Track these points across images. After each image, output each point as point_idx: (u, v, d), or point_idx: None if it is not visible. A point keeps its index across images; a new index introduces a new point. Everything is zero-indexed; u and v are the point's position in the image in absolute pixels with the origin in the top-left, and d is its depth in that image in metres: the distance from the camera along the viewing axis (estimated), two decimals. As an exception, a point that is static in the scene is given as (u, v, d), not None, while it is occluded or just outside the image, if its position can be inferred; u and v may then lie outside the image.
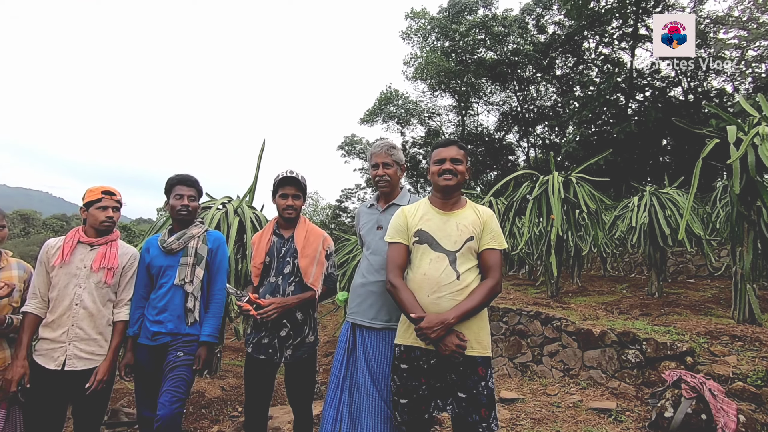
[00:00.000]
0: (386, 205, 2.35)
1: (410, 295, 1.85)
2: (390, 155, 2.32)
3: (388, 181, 2.31)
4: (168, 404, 2.09)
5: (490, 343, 1.89)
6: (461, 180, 1.97)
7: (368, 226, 2.38)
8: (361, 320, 2.24)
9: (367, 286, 2.25)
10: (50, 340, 2.13)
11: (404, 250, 1.98)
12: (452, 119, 26.90)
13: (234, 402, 3.80)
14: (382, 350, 2.17)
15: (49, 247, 2.22)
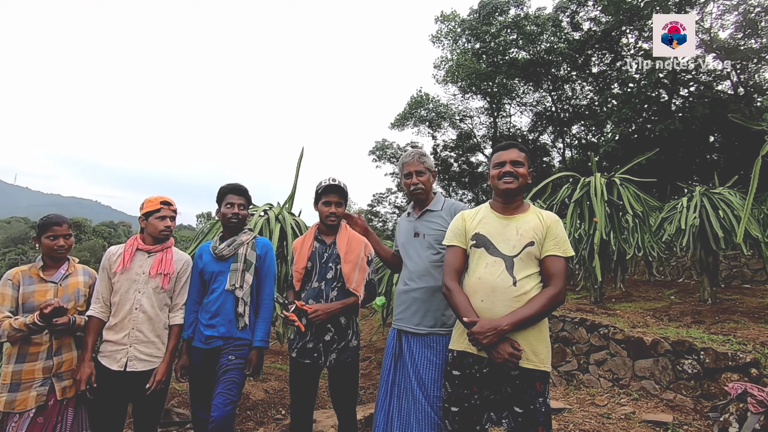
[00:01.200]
0: (421, 211, 2.40)
1: (464, 299, 1.83)
2: (422, 162, 2.39)
3: (423, 188, 2.37)
4: (222, 406, 2.16)
5: (549, 357, 1.81)
6: (523, 183, 1.93)
7: (406, 234, 2.43)
8: (406, 326, 2.27)
9: (410, 292, 2.28)
10: (113, 343, 2.25)
11: (461, 253, 1.96)
12: (484, 121, 26.53)
13: (277, 405, 3.88)
14: (427, 356, 2.17)
15: (111, 254, 2.35)
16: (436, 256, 2.27)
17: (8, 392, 2.11)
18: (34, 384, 2.14)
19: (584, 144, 22.62)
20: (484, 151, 26.22)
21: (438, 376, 2.13)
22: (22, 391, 2.12)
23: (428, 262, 2.27)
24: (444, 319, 2.22)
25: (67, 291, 2.28)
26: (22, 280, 2.21)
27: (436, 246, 2.28)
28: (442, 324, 2.22)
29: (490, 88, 23.47)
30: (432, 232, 2.31)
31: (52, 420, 2.17)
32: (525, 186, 1.95)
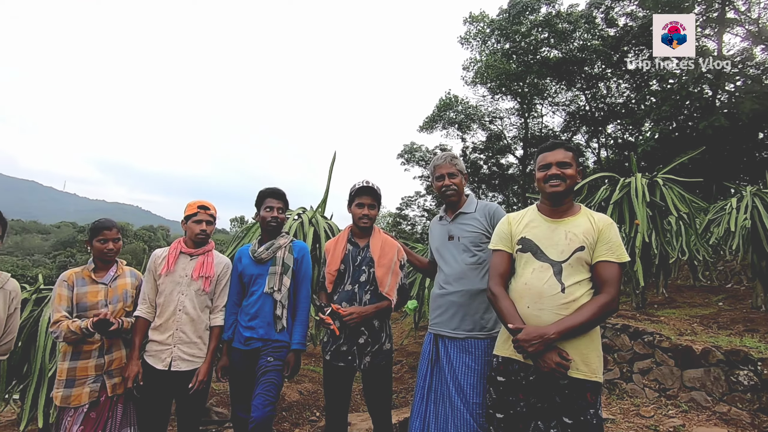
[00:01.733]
0: (454, 214, 2.38)
1: (510, 305, 1.79)
2: (454, 165, 2.38)
3: (455, 190, 2.36)
4: (261, 407, 2.20)
5: (601, 368, 1.73)
6: (571, 185, 1.83)
7: (440, 237, 2.41)
8: (443, 330, 2.25)
9: (446, 296, 2.27)
10: (158, 343, 2.34)
11: (507, 258, 1.92)
12: (514, 122, 26.05)
13: (312, 406, 3.92)
14: (465, 361, 2.14)
15: (156, 257, 2.45)
16: (472, 258, 2.25)
17: (64, 388, 2.23)
18: (88, 381, 2.26)
19: (620, 143, 21.81)
20: (514, 153, 25.73)
21: (477, 382, 2.10)
22: (76, 387, 2.24)
23: (464, 265, 2.24)
24: (482, 323, 2.19)
25: (116, 292, 2.39)
26: (76, 281, 2.33)
27: (471, 248, 2.26)
28: (480, 328, 2.18)
29: (521, 88, 23.03)
30: (467, 234, 2.29)
31: (104, 415, 2.28)
32: (574, 186, 1.86)
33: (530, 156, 24.99)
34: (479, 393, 2.08)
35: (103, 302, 2.33)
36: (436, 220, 2.53)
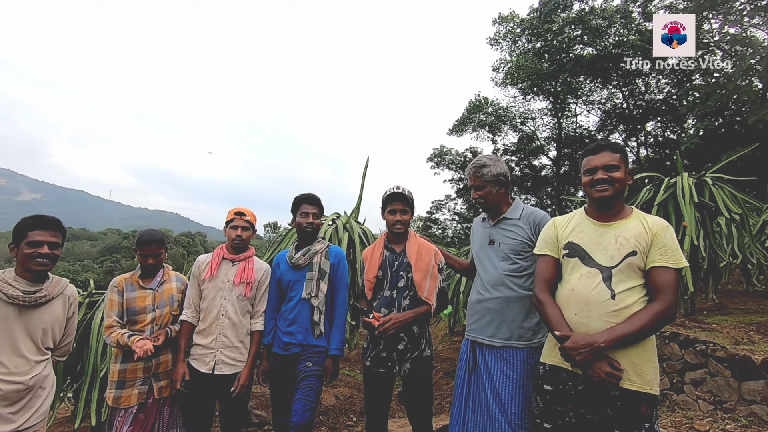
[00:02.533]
0: (497, 218, 2.29)
1: (556, 312, 1.73)
2: (479, 177, 2.27)
3: (484, 201, 2.29)
4: (301, 412, 2.23)
5: (657, 379, 1.63)
6: (620, 188, 1.74)
7: (480, 240, 2.34)
8: (480, 338, 2.20)
9: (483, 302, 2.21)
10: (202, 346, 2.41)
11: (553, 263, 1.86)
12: (547, 122, 25.42)
13: (348, 411, 3.93)
14: (503, 370, 2.08)
15: (200, 263, 2.53)
16: (512, 266, 2.16)
17: (116, 389, 2.34)
18: (137, 383, 2.35)
19: (661, 142, 20.87)
20: (547, 154, 25.10)
21: (515, 392, 2.03)
22: (126, 389, 2.34)
23: (502, 272, 2.17)
24: (521, 332, 2.11)
25: (163, 296, 2.48)
26: (126, 286, 2.44)
27: (511, 256, 2.17)
28: (518, 337, 2.10)
29: (553, 87, 22.47)
30: (508, 241, 2.21)
31: (151, 417, 2.37)
32: (624, 189, 1.77)
33: (564, 157, 24.30)
34: (518, 403, 2.02)
35: (151, 307, 2.43)
36: (478, 221, 2.44)
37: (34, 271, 1.98)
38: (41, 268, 1.98)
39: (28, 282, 1.99)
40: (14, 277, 1.97)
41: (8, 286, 1.92)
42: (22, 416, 1.94)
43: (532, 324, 2.11)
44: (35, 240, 1.95)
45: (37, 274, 2.00)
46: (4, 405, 1.89)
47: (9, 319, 1.92)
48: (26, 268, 1.97)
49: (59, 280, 2.13)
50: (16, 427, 1.92)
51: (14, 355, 1.92)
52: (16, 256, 1.98)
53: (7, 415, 1.90)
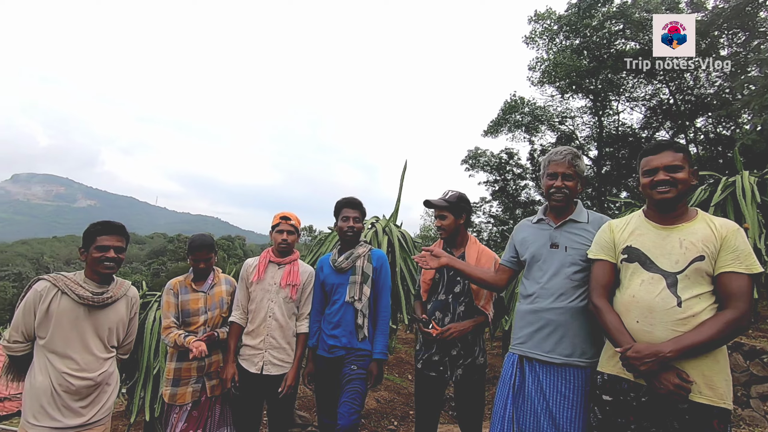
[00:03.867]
0: (561, 220, 2.06)
1: (616, 319, 1.65)
2: (573, 165, 2.04)
3: (566, 194, 2.02)
4: (347, 415, 2.24)
5: (730, 392, 1.52)
6: (683, 190, 1.64)
7: (539, 243, 2.09)
8: (534, 353, 1.96)
9: (541, 312, 1.97)
10: (251, 347, 2.48)
11: (609, 268, 1.77)
12: (587, 121, 24.53)
13: (389, 415, 3.92)
14: (561, 391, 1.87)
15: (248, 266, 2.60)
16: (580, 274, 1.95)
17: (171, 386, 2.45)
18: (191, 381, 2.46)
19: (713, 138, 19.66)
20: (588, 154, 24.22)
21: (574, 416, 1.83)
22: (181, 387, 2.44)
23: (568, 279, 1.95)
24: (584, 347, 1.89)
25: (214, 299, 2.57)
26: (180, 289, 2.55)
27: (581, 262, 1.95)
28: (581, 353, 1.89)
29: (594, 85, 21.68)
30: (577, 246, 1.99)
31: (204, 414, 2.46)
32: (688, 191, 1.67)
33: (605, 156, 23.38)
34: (578, 428, 1.83)
35: (203, 309, 2.53)
36: (529, 223, 2.21)
37: (101, 274, 2.11)
38: (108, 271, 2.11)
39: (96, 284, 2.12)
40: (84, 279, 2.11)
41: (79, 288, 2.05)
42: (90, 410, 2.07)
43: (599, 340, 1.91)
44: (103, 245, 2.08)
45: (104, 277, 2.13)
46: (76, 399, 2.02)
47: (80, 319, 2.05)
48: (95, 270, 2.10)
49: (123, 282, 2.25)
50: (85, 421, 2.05)
51: (85, 353, 2.05)
52: (85, 259, 2.11)
53: (78, 409, 2.03)
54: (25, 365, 2.08)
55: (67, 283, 2.05)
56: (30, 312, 2.00)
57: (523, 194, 25.92)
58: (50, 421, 1.97)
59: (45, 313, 2.00)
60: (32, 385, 2.00)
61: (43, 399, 1.97)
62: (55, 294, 2.02)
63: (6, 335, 2.08)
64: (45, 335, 2.01)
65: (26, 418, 1.99)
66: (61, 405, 1.99)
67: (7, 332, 2.09)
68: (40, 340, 2.02)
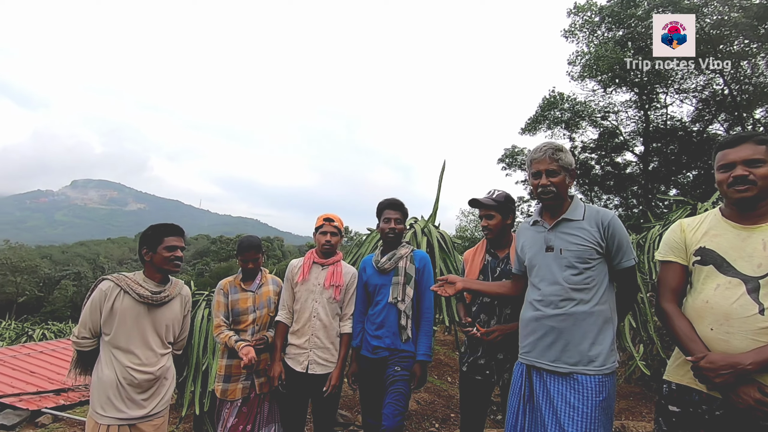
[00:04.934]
0: (555, 220, 1.96)
1: (687, 326, 1.55)
2: (555, 160, 1.93)
3: (554, 191, 1.92)
4: (392, 416, 2.26)
5: None
6: (765, 186, 1.50)
7: (534, 247, 2.00)
8: (539, 362, 1.88)
9: (542, 320, 1.89)
10: (296, 346, 2.54)
11: (680, 271, 1.66)
12: (632, 116, 23.40)
13: (430, 417, 3.90)
14: (569, 400, 1.78)
15: (293, 267, 2.67)
16: (578, 276, 1.85)
17: (222, 382, 2.56)
18: (240, 378, 2.55)
19: (775, 130, 18.27)
20: (633, 150, 23.11)
21: (585, 427, 1.75)
22: (232, 383, 2.54)
23: (567, 284, 1.86)
24: (591, 355, 1.81)
25: (262, 299, 2.66)
26: (230, 289, 2.66)
27: (577, 265, 1.85)
28: (588, 361, 1.80)
29: (639, 77, 20.67)
30: (572, 247, 1.88)
31: (254, 411, 2.55)
32: None
33: (652, 152, 22.21)
34: None
35: (252, 308, 2.62)
36: (526, 225, 2.12)
37: (166, 273, 2.24)
38: (176, 270, 2.25)
39: (155, 283, 2.25)
40: (143, 279, 2.24)
41: (139, 287, 2.19)
42: (151, 402, 2.20)
43: (605, 346, 1.82)
44: (172, 244, 2.22)
45: (164, 277, 2.27)
46: (138, 392, 2.15)
47: (140, 317, 2.18)
48: (161, 269, 2.23)
49: (177, 282, 2.38)
50: (147, 412, 2.18)
51: (145, 348, 2.19)
52: (150, 259, 2.23)
53: (140, 401, 2.16)
54: (92, 360, 2.24)
55: (128, 283, 2.18)
56: (96, 310, 2.15)
57: (563, 193, 24.98)
58: (116, 412, 2.10)
59: (109, 311, 2.14)
60: (99, 379, 2.15)
61: (109, 391, 2.11)
62: (118, 293, 2.16)
63: (75, 331, 2.24)
64: (110, 332, 2.15)
65: (94, 409, 2.14)
66: (125, 397, 2.12)
67: (76, 329, 2.25)
68: (105, 336, 2.17)
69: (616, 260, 1.88)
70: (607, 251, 1.87)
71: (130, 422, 2.13)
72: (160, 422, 2.27)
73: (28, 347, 9.47)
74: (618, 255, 1.87)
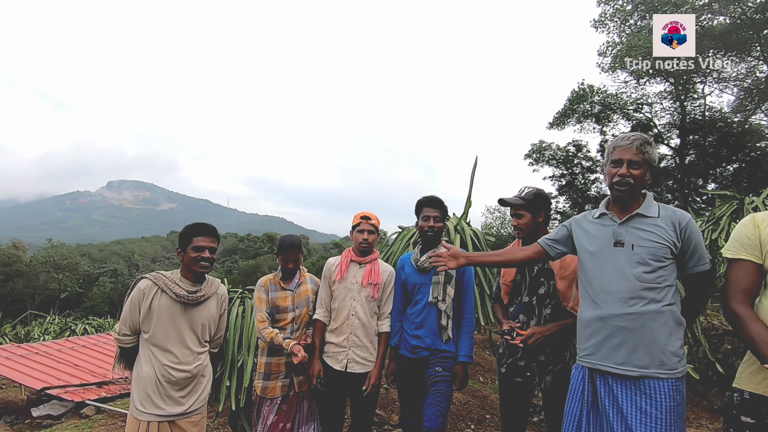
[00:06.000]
0: (627, 215, 1.84)
1: (762, 330, 1.45)
2: (642, 152, 1.81)
3: (631, 184, 1.81)
4: (434, 417, 2.22)
5: None
6: None
7: (600, 240, 1.88)
8: (605, 365, 1.77)
9: (608, 319, 1.77)
10: (335, 345, 2.54)
11: (753, 270, 1.56)
12: (667, 107, 22.44)
13: (466, 418, 3.84)
14: (641, 406, 1.68)
15: (330, 265, 2.67)
16: (651, 274, 1.75)
17: (263, 380, 2.58)
18: (280, 375, 2.57)
19: (826, 119, 17.16)
20: (668, 143, 22.19)
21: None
22: (272, 380, 2.56)
23: (638, 281, 1.75)
24: (663, 357, 1.69)
25: (300, 297, 2.66)
26: (270, 287, 2.68)
27: (651, 262, 1.75)
28: (660, 364, 1.69)
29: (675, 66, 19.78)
30: (646, 243, 1.77)
31: (293, 409, 2.57)
32: None
33: (689, 145, 21.26)
34: None
35: (291, 306, 2.63)
36: (589, 217, 1.99)
37: (197, 273, 2.26)
38: (203, 271, 2.26)
39: (191, 283, 2.28)
40: (180, 278, 2.27)
41: (176, 286, 2.22)
42: (189, 399, 2.24)
43: (676, 348, 1.72)
44: (199, 245, 2.24)
45: (198, 276, 2.28)
46: (176, 389, 2.19)
47: (176, 316, 2.22)
48: (190, 270, 2.26)
49: (213, 281, 2.41)
50: (185, 409, 2.21)
51: (182, 347, 2.22)
52: (182, 259, 2.28)
53: (178, 398, 2.20)
54: (133, 356, 2.29)
55: (166, 282, 2.22)
56: (135, 308, 2.20)
57: (593, 189, 24.31)
58: (155, 409, 2.15)
59: (147, 310, 2.19)
60: (139, 375, 2.20)
61: (148, 388, 2.16)
62: (156, 292, 2.20)
63: (116, 328, 2.30)
64: (148, 330, 2.20)
65: (135, 405, 2.19)
66: (164, 394, 2.16)
67: (117, 326, 2.31)
68: (144, 334, 2.22)
69: (690, 263, 1.78)
70: (681, 253, 1.77)
71: (169, 419, 2.17)
72: (198, 419, 2.30)
73: (72, 341, 9.93)
74: (693, 258, 1.78)
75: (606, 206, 1.95)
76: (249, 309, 3.50)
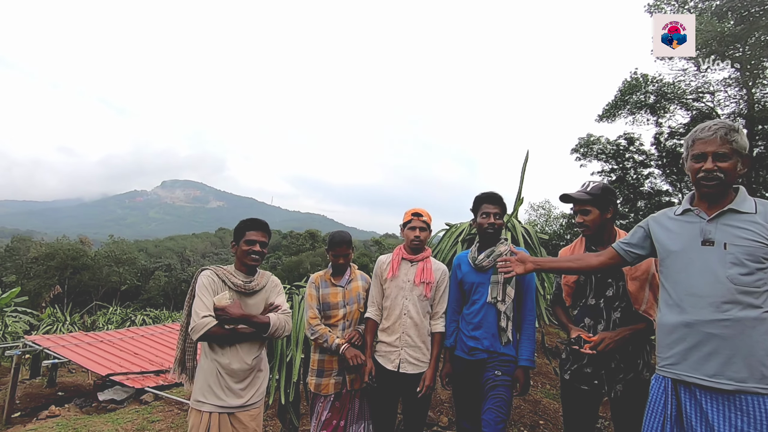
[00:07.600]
0: (716, 210, 1.66)
1: None
2: (728, 141, 1.63)
3: (720, 179, 1.63)
4: (493, 423, 2.13)
5: None
6: None
7: (682, 240, 1.72)
8: (694, 376, 1.60)
9: (697, 326, 1.61)
10: (387, 344, 2.49)
11: None
12: (732, 95, 20.69)
13: (518, 423, 3.70)
14: (735, 424, 1.51)
15: (381, 263, 2.63)
16: (748, 277, 1.57)
17: (316, 377, 2.58)
18: (333, 373, 2.56)
19: None
20: (733, 134, 20.51)
21: None
22: (325, 378, 2.56)
23: (733, 284, 1.57)
24: (764, 370, 1.52)
25: (351, 294, 2.65)
26: (321, 283, 2.68)
27: (748, 263, 1.57)
28: (761, 378, 1.51)
29: (741, 51, 18.24)
30: (741, 242, 1.60)
31: (345, 406, 2.55)
32: None
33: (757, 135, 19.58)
34: None
35: (342, 303, 2.61)
36: (669, 214, 1.83)
37: (248, 266, 2.32)
38: (253, 263, 2.31)
39: (243, 275, 2.33)
40: (234, 271, 2.33)
41: (232, 276, 2.29)
42: (248, 392, 2.27)
43: None
44: (251, 239, 2.30)
45: (250, 268, 2.34)
46: (236, 381, 2.23)
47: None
48: (243, 262, 2.32)
49: (264, 273, 2.46)
50: (244, 402, 2.25)
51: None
52: (235, 252, 2.34)
53: (238, 391, 2.23)
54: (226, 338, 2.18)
55: (224, 273, 2.30)
56: (208, 292, 2.26)
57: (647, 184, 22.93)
58: (216, 400, 2.19)
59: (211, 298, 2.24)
60: (201, 367, 2.25)
61: (210, 379, 2.20)
62: (217, 282, 2.27)
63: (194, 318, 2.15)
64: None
65: (196, 398, 2.24)
66: (224, 386, 2.20)
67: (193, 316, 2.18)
68: None
69: None
70: None
71: (229, 411, 2.20)
72: (257, 413, 2.33)
73: (132, 331, 10.58)
74: None
75: (690, 201, 1.77)
76: (297, 304, 3.54)
